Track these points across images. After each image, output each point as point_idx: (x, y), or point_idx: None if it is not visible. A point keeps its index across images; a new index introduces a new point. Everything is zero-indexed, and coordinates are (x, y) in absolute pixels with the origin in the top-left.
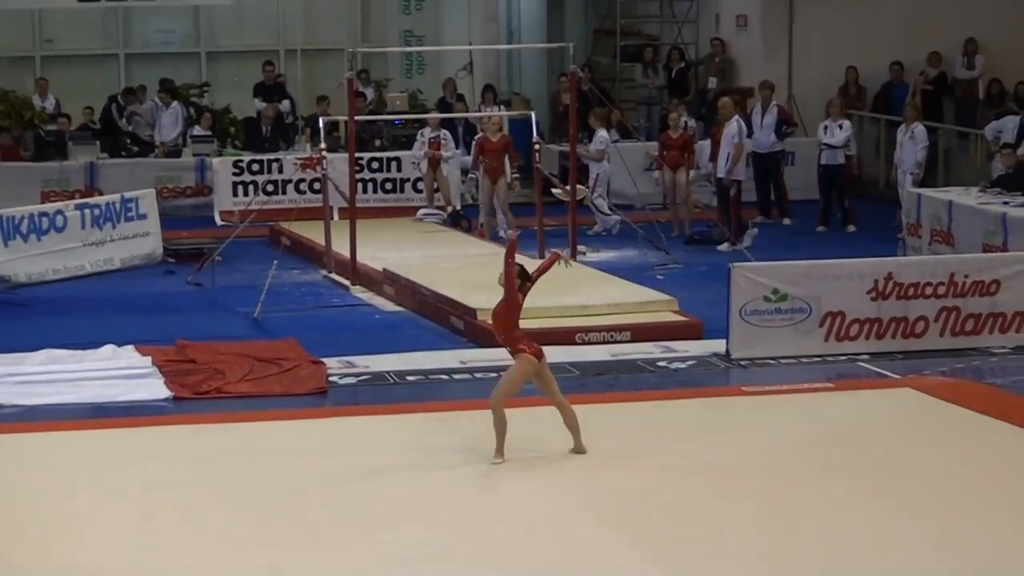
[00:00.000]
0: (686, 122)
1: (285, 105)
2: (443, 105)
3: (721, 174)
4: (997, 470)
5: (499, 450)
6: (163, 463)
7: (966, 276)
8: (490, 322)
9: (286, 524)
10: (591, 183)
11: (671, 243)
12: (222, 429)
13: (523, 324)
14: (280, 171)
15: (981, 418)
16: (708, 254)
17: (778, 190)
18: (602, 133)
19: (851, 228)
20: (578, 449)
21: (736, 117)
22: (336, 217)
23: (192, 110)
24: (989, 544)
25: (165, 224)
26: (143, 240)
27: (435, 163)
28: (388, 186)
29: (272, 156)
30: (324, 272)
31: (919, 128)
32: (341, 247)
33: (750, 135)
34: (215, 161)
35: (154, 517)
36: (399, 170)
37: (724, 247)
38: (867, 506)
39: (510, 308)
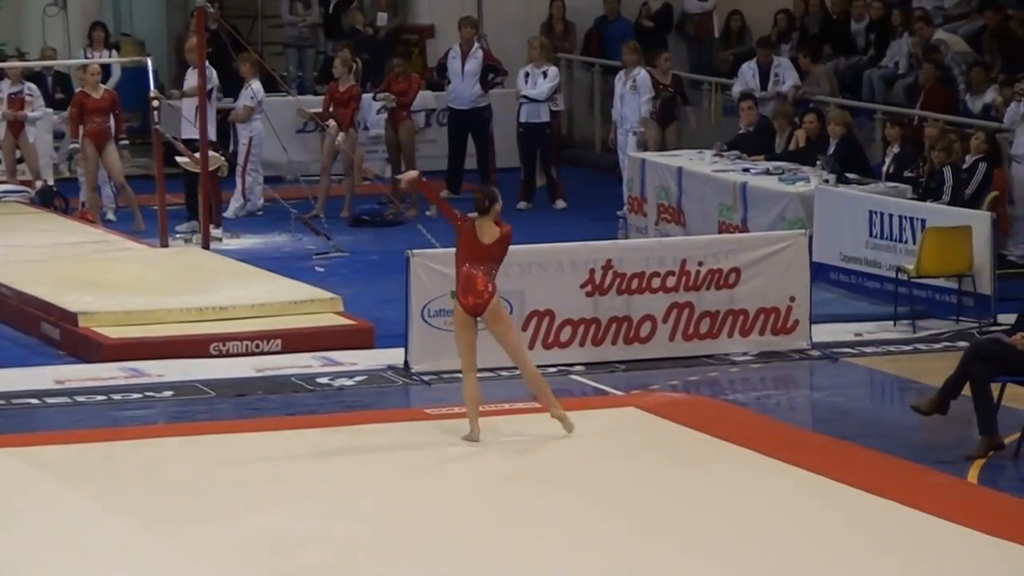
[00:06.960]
0: (358, 70)
1: None
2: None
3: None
4: (734, 508)
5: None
6: None
7: (700, 263)
8: (97, 330)
9: None
10: (242, 150)
11: (333, 225)
12: None
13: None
14: None
15: (718, 443)
16: (381, 239)
17: (482, 157)
18: (256, 85)
19: (560, 204)
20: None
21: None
22: None
23: None
24: None
25: None
26: None
27: (17, 126)
28: None
29: None
30: None
31: (642, 74)
32: None
33: (446, 86)
34: None
35: None
36: None
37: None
38: (572, 560)
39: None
